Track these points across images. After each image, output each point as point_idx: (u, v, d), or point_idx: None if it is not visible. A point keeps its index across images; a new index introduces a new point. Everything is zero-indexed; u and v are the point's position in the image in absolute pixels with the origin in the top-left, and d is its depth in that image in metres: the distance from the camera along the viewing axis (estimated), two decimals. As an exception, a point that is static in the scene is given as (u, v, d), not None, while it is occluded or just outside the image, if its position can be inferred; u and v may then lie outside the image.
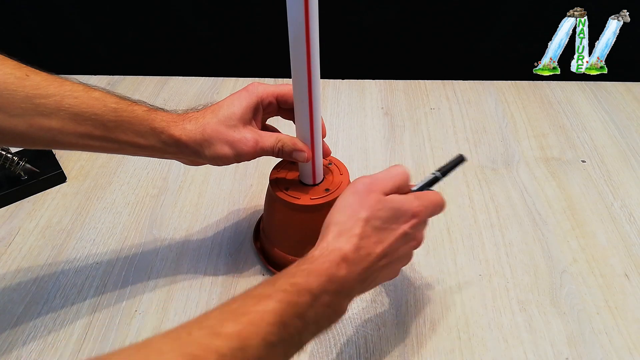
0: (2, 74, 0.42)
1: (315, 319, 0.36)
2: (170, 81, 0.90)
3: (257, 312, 0.33)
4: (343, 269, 0.37)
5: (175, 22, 0.92)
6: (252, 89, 0.49)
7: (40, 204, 0.66)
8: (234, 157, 0.47)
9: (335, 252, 0.38)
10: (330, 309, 0.37)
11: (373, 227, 0.40)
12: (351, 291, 0.39)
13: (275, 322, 0.33)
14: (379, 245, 0.40)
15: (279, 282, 0.35)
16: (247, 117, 0.48)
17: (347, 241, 0.38)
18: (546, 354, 0.49)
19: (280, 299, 0.34)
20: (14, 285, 0.56)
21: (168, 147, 0.47)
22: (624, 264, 0.57)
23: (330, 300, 0.36)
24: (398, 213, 0.41)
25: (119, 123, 0.45)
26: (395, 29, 0.91)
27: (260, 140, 0.47)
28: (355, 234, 0.39)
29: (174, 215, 0.64)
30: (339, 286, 0.37)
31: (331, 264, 0.37)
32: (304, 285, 0.35)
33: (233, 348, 0.30)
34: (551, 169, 0.70)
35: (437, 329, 0.51)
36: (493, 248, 0.59)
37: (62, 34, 0.94)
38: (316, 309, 0.35)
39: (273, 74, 0.89)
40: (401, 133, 0.77)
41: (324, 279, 0.36)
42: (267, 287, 0.35)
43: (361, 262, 0.38)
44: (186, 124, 0.47)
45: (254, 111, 0.49)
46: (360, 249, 0.38)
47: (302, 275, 0.36)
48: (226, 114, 0.47)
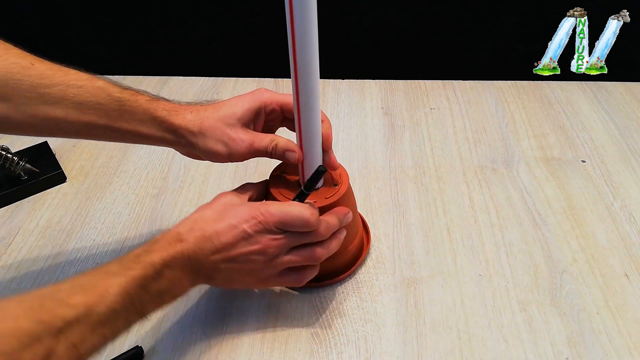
0: (7, 64, 0.42)
1: (157, 291, 0.40)
2: (170, 81, 0.91)
3: (104, 286, 0.37)
4: (178, 247, 0.41)
5: (175, 22, 0.92)
6: (257, 93, 0.49)
7: (40, 204, 0.66)
8: (226, 155, 0.47)
9: (173, 234, 0.42)
10: (172, 283, 0.41)
11: (214, 218, 0.43)
12: (190, 271, 0.42)
13: (120, 293, 0.37)
14: (215, 237, 0.42)
15: (125, 261, 0.40)
16: (246, 118, 0.48)
17: (186, 224, 0.43)
18: (546, 354, 0.49)
19: (125, 274, 0.38)
20: (14, 285, 0.56)
21: (167, 135, 0.47)
22: (624, 264, 0.57)
23: (172, 275, 0.41)
24: (241, 212, 0.44)
25: (122, 112, 0.46)
26: (395, 29, 0.91)
27: (256, 141, 0.48)
28: (194, 219, 0.44)
29: (174, 215, 0.64)
30: (178, 263, 0.41)
31: (169, 243, 0.42)
32: (148, 261, 0.40)
33: (78, 314, 0.34)
34: (551, 169, 0.70)
35: (437, 329, 0.51)
36: (493, 248, 0.59)
37: (62, 34, 0.94)
38: (160, 283, 0.40)
39: (273, 74, 0.89)
40: (401, 133, 0.77)
41: (164, 254, 0.41)
42: (114, 265, 0.39)
43: (197, 243, 0.42)
44: (187, 114, 0.47)
45: (255, 115, 0.49)
46: (194, 229, 0.42)
47: (146, 254, 0.40)
48: (227, 112, 0.47)
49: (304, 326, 0.51)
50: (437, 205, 0.65)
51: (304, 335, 0.51)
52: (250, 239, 0.43)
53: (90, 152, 0.75)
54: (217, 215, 0.44)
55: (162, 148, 0.75)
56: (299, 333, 0.51)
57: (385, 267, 0.57)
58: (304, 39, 0.40)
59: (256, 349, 0.49)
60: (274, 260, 0.45)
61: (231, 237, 0.43)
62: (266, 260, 0.44)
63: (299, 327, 0.51)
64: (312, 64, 0.42)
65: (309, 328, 0.51)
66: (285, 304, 0.53)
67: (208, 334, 0.51)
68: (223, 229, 0.43)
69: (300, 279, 0.48)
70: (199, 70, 0.93)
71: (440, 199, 0.66)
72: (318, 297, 0.54)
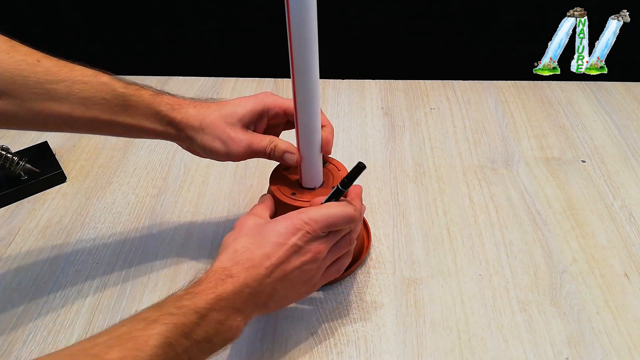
0: (15, 61, 0.43)
1: (205, 336, 0.37)
2: (170, 81, 0.91)
3: (142, 337, 0.33)
4: (229, 284, 0.38)
5: (175, 22, 0.92)
6: (262, 96, 0.50)
7: (40, 204, 0.66)
8: (224, 153, 0.48)
9: (219, 271, 0.39)
10: (222, 325, 0.38)
11: (255, 243, 0.41)
12: (244, 307, 0.39)
13: (161, 344, 0.34)
14: (266, 260, 0.40)
15: (166, 305, 0.36)
16: (248, 119, 0.48)
17: (228, 258, 0.40)
18: (546, 354, 0.49)
19: (166, 321, 0.35)
20: (14, 285, 0.56)
21: (169, 129, 0.48)
22: (624, 264, 0.57)
23: (220, 317, 0.38)
24: (282, 228, 0.42)
25: (125, 107, 0.46)
26: (395, 29, 0.91)
27: (254, 142, 0.48)
28: (234, 250, 0.41)
29: (174, 215, 0.64)
30: (228, 302, 0.38)
31: (216, 281, 0.38)
32: (191, 306, 0.36)
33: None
34: (551, 169, 0.70)
35: (437, 329, 0.51)
36: (493, 248, 0.59)
37: (62, 34, 0.94)
38: (205, 327, 0.37)
39: (273, 74, 0.89)
40: (401, 133, 0.77)
41: (211, 296, 0.37)
42: (154, 311, 0.36)
43: (248, 273, 0.39)
44: (190, 109, 0.48)
45: (258, 117, 0.49)
46: (240, 261, 0.40)
47: (189, 297, 0.37)
48: (229, 111, 0.48)
49: (304, 326, 0.51)
50: (437, 205, 0.65)
51: (304, 335, 0.51)
52: (300, 251, 0.42)
53: (90, 152, 0.75)
54: (256, 240, 0.42)
55: (163, 147, 0.75)
56: (299, 333, 0.51)
57: (385, 267, 0.57)
58: (302, 38, 0.40)
59: (256, 349, 0.49)
60: (322, 263, 0.44)
61: (282, 255, 0.41)
62: (318, 266, 0.44)
63: (299, 327, 0.51)
64: (311, 65, 0.42)
65: (309, 328, 0.51)
66: (285, 304, 0.53)
67: (208, 334, 0.51)
68: (271, 250, 0.41)
69: (340, 269, 0.48)
70: (199, 70, 0.93)
71: (440, 199, 0.66)
72: (318, 297, 0.54)
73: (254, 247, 0.41)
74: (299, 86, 0.43)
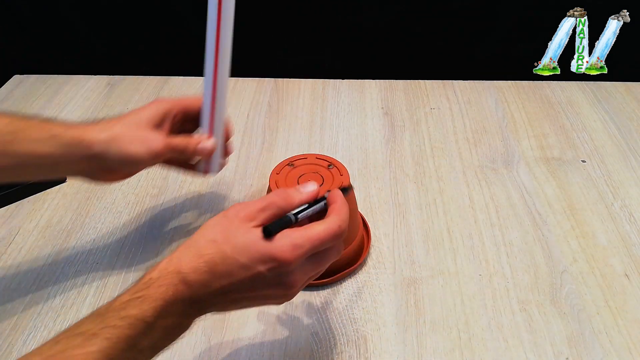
0: None
1: (151, 344, 0.34)
2: (170, 81, 0.90)
3: (79, 356, 0.30)
4: (180, 292, 0.35)
5: (175, 22, 0.92)
6: (157, 102, 0.52)
7: (40, 204, 0.66)
8: (145, 153, 0.48)
9: (174, 275, 0.35)
10: (170, 330, 0.35)
11: (222, 254, 0.36)
12: (195, 312, 0.37)
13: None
14: (226, 278, 0.35)
15: (109, 315, 0.33)
16: (154, 122, 0.50)
17: (189, 259, 0.36)
18: (546, 354, 0.49)
19: (108, 336, 0.32)
20: (14, 285, 0.56)
21: (71, 150, 0.45)
22: (624, 264, 0.57)
23: (168, 323, 0.35)
24: (255, 250, 0.36)
25: (14, 134, 0.45)
26: (395, 29, 0.91)
27: (170, 139, 0.50)
28: (199, 252, 0.36)
29: (174, 215, 0.64)
30: (178, 308, 0.35)
31: (168, 286, 0.34)
32: (137, 315, 0.33)
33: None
34: (551, 168, 0.70)
35: (437, 329, 0.51)
36: (493, 248, 0.59)
37: (62, 34, 0.94)
38: (151, 336, 0.34)
39: (273, 74, 0.89)
40: (401, 133, 0.77)
41: (160, 303, 0.34)
42: (94, 323, 0.32)
43: (202, 288, 0.35)
44: (87, 127, 0.47)
45: (161, 119, 0.51)
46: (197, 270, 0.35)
47: (135, 304, 0.33)
48: (134, 119, 0.49)
49: (304, 326, 0.51)
50: (437, 205, 0.65)
51: (304, 335, 0.51)
52: (265, 280, 0.36)
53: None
54: (225, 251, 0.36)
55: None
56: (299, 333, 0.51)
57: (385, 267, 0.57)
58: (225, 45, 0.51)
59: (256, 349, 0.49)
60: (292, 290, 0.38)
61: (244, 278, 0.36)
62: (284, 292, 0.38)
63: (299, 327, 0.51)
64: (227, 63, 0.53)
65: (309, 328, 0.51)
66: (285, 304, 0.53)
67: (208, 334, 0.51)
68: (235, 269, 0.36)
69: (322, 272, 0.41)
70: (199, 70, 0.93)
71: (440, 199, 0.66)
72: (318, 297, 0.54)
73: (219, 258, 0.36)
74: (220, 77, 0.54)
